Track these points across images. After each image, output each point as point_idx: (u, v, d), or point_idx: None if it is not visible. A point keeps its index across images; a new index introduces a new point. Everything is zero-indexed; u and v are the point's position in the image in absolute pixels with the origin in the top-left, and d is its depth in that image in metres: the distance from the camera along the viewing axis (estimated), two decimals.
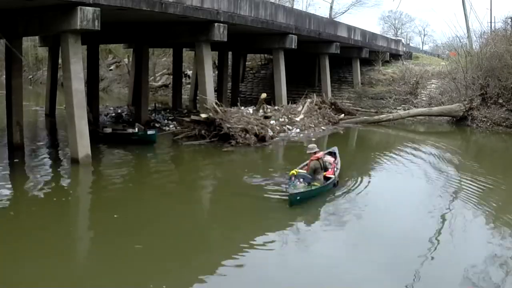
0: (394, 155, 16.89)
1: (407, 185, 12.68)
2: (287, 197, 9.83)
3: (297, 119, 21.04)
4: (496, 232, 8.91)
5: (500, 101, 23.96)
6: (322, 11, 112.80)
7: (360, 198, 10.94)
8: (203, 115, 17.70)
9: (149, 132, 16.47)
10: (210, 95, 18.51)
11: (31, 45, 42.91)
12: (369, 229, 8.87)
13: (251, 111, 19.49)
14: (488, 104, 24.24)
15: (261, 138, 17.13)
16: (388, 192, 11.84)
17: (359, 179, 12.59)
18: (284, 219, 9.33)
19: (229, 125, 16.87)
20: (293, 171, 10.68)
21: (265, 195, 10.62)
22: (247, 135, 16.74)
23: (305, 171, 10.72)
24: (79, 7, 12.25)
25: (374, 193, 11.50)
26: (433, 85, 30.22)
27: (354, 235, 8.73)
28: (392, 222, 9.35)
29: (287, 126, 19.95)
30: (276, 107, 21.72)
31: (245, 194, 10.85)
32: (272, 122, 19.13)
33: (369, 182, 12.44)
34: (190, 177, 13.37)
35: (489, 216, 9.90)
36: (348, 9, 54.77)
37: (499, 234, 8.79)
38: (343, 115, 24.75)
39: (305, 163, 11.33)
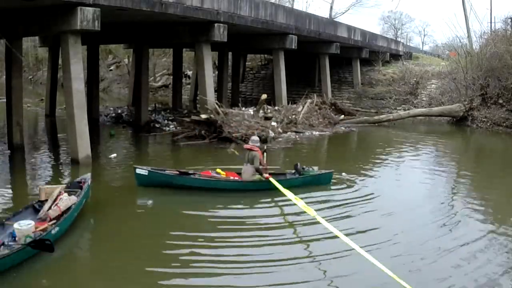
0: (394, 156, 16.89)
1: (407, 186, 12.66)
2: None
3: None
4: (497, 233, 8.88)
5: (500, 101, 23.98)
6: (322, 11, 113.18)
7: (358, 199, 10.92)
8: (204, 116, 17.72)
9: None
10: (210, 95, 18.52)
11: (31, 45, 42.92)
12: (368, 231, 8.83)
13: (252, 112, 19.49)
14: (488, 104, 24.26)
15: (262, 141, 17.11)
16: (387, 193, 11.80)
17: (359, 180, 12.59)
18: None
19: (230, 130, 16.90)
20: None
21: None
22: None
23: None
24: (79, 8, 12.25)
25: (373, 194, 11.48)
26: (433, 85, 30.26)
27: (351, 237, 8.70)
28: (391, 223, 9.32)
29: (293, 129, 19.99)
30: (276, 108, 21.73)
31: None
32: (273, 123, 19.12)
33: (368, 183, 12.43)
34: None
35: (489, 217, 9.89)
36: (348, 9, 54.89)
37: (500, 235, 8.76)
38: (343, 115, 24.77)
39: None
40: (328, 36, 26.88)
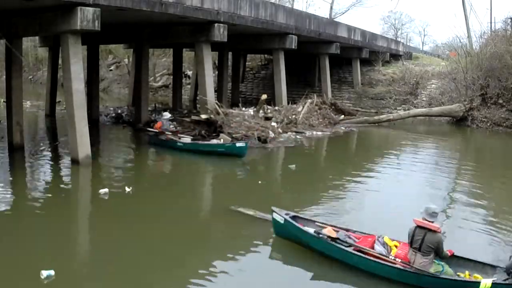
0: (394, 156, 16.90)
1: (407, 186, 12.66)
2: None
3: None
4: (496, 232, 8.90)
5: (500, 101, 23.99)
6: (322, 12, 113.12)
7: (359, 197, 10.93)
8: (204, 116, 17.72)
9: (238, 145, 14.67)
10: (210, 95, 18.51)
11: (31, 45, 42.95)
12: (367, 229, 8.82)
13: (252, 112, 19.48)
14: (488, 105, 24.26)
15: (263, 141, 17.12)
16: (387, 193, 11.82)
17: (359, 179, 12.60)
18: None
19: (230, 131, 16.89)
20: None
21: None
22: (248, 142, 16.80)
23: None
24: (79, 8, 12.24)
25: (373, 193, 11.51)
26: (433, 85, 30.26)
27: None
28: (391, 223, 9.31)
29: (294, 129, 20.01)
30: (276, 108, 21.72)
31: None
32: (273, 124, 19.12)
33: (368, 182, 12.44)
34: (191, 178, 13.34)
35: (489, 217, 9.90)
36: (348, 9, 54.91)
37: (499, 234, 8.78)
38: (343, 115, 24.76)
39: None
40: (328, 36, 26.87)
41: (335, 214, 9.70)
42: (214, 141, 15.69)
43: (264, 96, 19.97)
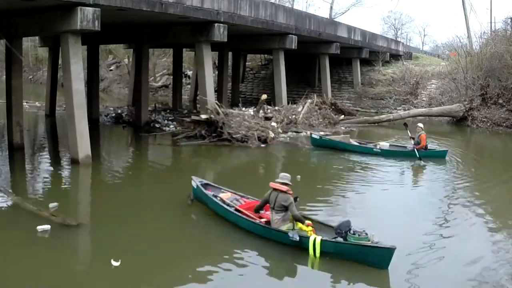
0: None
1: (406, 186, 12.65)
2: None
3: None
4: (497, 233, 8.89)
5: (500, 101, 24.01)
6: (322, 12, 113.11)
7: (357, 198, 10.92)
8: (204, 116, 17.72)
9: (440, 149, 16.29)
10: (210, 95, 18.51)
11: (31, 45, 43.02)
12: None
13: (252, 112, 19.48)
14: (488, 105, 24.27)
15: (262, 141, 17.14)
16: (387, 193, 11.81)
17: (359, 177, 12.59)
18: None
19: (230, 131, 16.91)
20: None
21: None
22: (248, 141, 16.82)
23: None
24: (79, 8, 12.25)
25: (373, 193, 11.50)
26: (433, 85, 30.27)
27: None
28: (392, 223, 9.32)
29: (293, 129, 20.02)
30: (276, 108, 21.73)
31: None
32: (273, 124, 19.13)
33: (368, 182, 12.43)
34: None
35: (489, 217, 9.89)
36: (348, 9, 54.97)
37: (500, 235, 8.77)
38: (343, 115, 24.77)
39: None
40: (328, 36, 26.87)
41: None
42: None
43: (264, 96, 19.97)
